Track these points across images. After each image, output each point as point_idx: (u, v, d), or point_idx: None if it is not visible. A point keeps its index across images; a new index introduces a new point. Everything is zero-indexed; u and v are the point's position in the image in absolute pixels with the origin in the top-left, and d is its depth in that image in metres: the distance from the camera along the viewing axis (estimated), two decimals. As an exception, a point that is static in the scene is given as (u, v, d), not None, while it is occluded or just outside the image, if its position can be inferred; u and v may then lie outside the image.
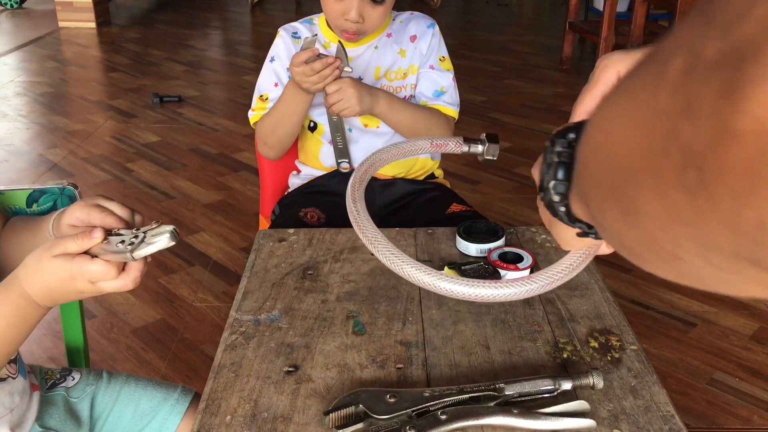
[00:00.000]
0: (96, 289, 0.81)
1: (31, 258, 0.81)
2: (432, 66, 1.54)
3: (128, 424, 1.08)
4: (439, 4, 7.39)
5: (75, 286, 0.80)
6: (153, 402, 1.10)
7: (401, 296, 0.98)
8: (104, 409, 1.09)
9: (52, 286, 0.80)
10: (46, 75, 4.81)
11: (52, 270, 0.79)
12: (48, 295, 0.82)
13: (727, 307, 2.26)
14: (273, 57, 1.55)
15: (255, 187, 3.03)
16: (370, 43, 1.53)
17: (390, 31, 1.55)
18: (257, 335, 0.89)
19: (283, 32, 1.56)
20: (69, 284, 0.80)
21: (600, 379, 0.77)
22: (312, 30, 1.55)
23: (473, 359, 0.85)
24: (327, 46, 1.54)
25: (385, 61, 1.54)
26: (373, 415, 0.73)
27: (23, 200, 1.16)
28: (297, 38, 1.54)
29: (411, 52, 1.54)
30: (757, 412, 1.82)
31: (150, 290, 2.32)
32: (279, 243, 1.12)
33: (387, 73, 1.54)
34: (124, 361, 1.97)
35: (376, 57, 1.53)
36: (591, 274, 1.03)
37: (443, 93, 1.55)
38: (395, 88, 1.54)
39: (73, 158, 3.39)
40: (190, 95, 4.38)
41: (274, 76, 1.53)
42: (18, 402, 0.94)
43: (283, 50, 1.54)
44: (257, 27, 6.75)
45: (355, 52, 1.52)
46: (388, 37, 1.54)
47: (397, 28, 1.55)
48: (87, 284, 0.80)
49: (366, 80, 1.51)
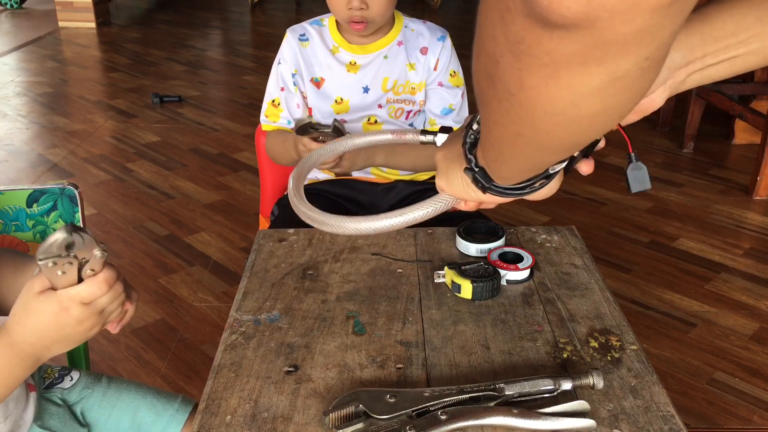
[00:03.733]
0: (94, 310, 0.76)
1: (17, 305, 0.76)
2: (441, 83, 1.52)
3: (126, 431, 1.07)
4: (439, 4, 7.39)
5: (69, 317, 0.75)
6: (152, 412, 1.07)
7: (401, 296, 0.98)
8: (101, 414, 1.07)
9: (45, 325, 0.75)
10: (46, 75, 4.81)
11: (40, 307, 0.74)
12: (41, 339, 0.76)
13: (727, 307, 2.26)
14: (280, 60, 1.54)
15: (255, 187, 3.03)
16: (380, 51, 1.51)
17: (401, 39, 1.52)
18: (257, 335, 0.89)
19: (290, 34, 1.54)
20: (63, 318, 0.74)
21: (600, 379, 0.77)
22: (321, 30, 1.53)
23: (473, 359, 0.85)
24: (335, 51, 1.52)
25: (393, 73, 1.51)
26: (373, 415, 0.73)
27: (23, 200, 1.16)
28: (304, 41, 1.53)
29: (421, 66, 1.51)
30: (757, 412, 1.82)
31: (150, 290, 2.32)
32: (279, 243, 1.12)
33: (395, 85, 1.52)
34: (124, 361, 1.97)
35: (385, 67, 1.51)
36: (591, 274, 1.03)
37: (452, 111, 1.53)
38: (401, 101, 1.52)
39: (73, 158, 3.39)
40: (190, 95, 4.38)
41: (281, 80, 1.53)
42: (12, 409, 0.93)
43: (288, 53, 1.52)
44: (257, 27, 6.75)
45: (364, 59, 1.50)
46: (399, 45, 1.52)
47: (409, 37, 1.52)
48: (82, 309, 0.75)
49: (373, 91, 1.51)
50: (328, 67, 1.52)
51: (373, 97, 1.52)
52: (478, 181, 0.65)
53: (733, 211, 2.94)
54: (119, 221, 2.78)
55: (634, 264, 2.51)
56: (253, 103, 4.22)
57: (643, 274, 2.45)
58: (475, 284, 0.95)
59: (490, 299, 0.97)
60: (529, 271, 1.02)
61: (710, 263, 2.53)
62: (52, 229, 1.18)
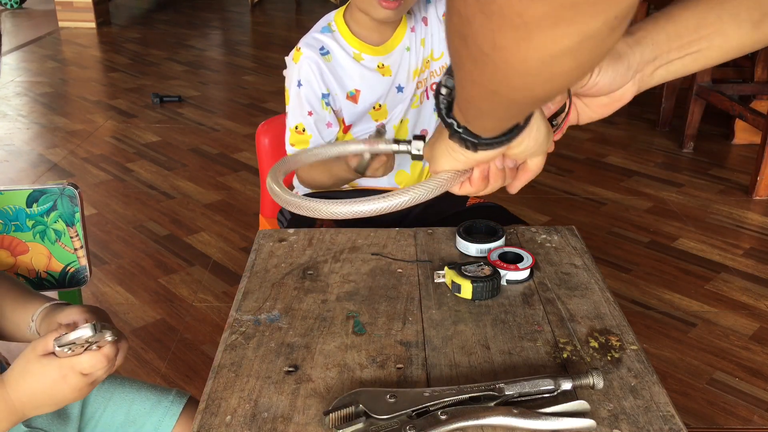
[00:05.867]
0: (90, 380, 0.80)
1: (17, 362, 0.80)
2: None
3: (120, 425, 1.07)
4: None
5: (66, 385, 0.78)
6: (146, 405, 1.08)
7: (401, 296, 0.98)
8: (96, 409, 1.08)
9: (41, 389, 0.78)
10: (46, 75, 4.81)
11: (41, 371, 0.78)
12: (32, 399, 0.79)
13: (727, 307, 2.26)
14: (300, 81, 1.39)
15: (255, 187, 3.03)
16: (401, 44, 1.43)
17: (413, 25, 1.45)
18: (257, 335, 0.89)
19: (307, 50, 1.39)
20: (59, 385, 0.78)
21: (600, 379, 0.77)
22: (335, 38, 1.42)
23: (473, 359, 0.85)
24: (359, 59, 1.41)
25: (416, 61, 1.45)
26: (373, 415, 0.73)
27: (23, 200, 1.16)
28: (326, 54, 1.40)
29: (428, 38, 1.45)
30: (757, 412, 1.82)
31: (150, 290, 2.32)
32: (279, 243, 1.12)
33: (417, 71, 1.45)
34: (124, 361, 1.97)
35: (410, 59, 1.45)
36: (591, 274, 1.03)
37: None
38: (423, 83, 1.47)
39: (73, 158, 3.39)
40: (190, 95, 4.38)
41: (306, 104, 1.39)
42: None
43: (311, 74, 1.38)
44: (257, 27, 6.75)
45: (390, 59, 1.43)
46: (413, 31, 1.44)
47: (415, 17, 1.45)
48: (80, 379, 0.78)
49: (405, 86, 1.45)
50: (361, 78, 1.42)
51: (407, 93, 1.46)
52: (465, 140, 0.65)
53: (733, 211, 2.94)
54: (119, 221, 2.78)
55: (634, 264, 2.51)
56: (253, 103, 4.22)
57: (643, 274, 2.45)
58: (475, 284, 0.95)
59: (490, 299, 0.97)
60: (529, 271, 1.02)
61: (710, 263, 2.53)
62: (52, 229, 1.18)
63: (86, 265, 1.22)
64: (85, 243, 1.20)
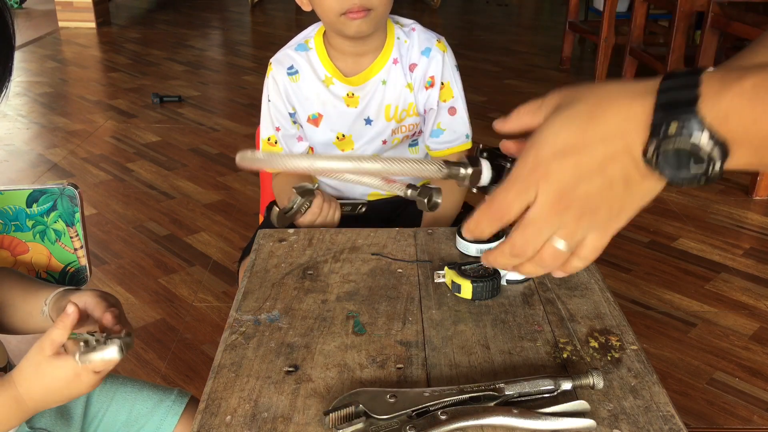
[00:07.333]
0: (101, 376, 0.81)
1: (26, 363, 0.81)
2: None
3: (123, 425, 1.08)
4: (438, 4, 7.39)
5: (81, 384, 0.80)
6: (148, 404, 1.09)
7: (401, 296, 0.98)
8: (99, 409, 1.08)
9: (54, 387, 0.80)
10: (46, 75, 4.81)
11: (55, 372, 0.79)
12: (44, 398, 0.81)
13: (727, 307, 2.26)
14: (269, 97, 1.39)
15: (255, 187, 3.03)
16: (377, 76, 1.35)
17: (396, 56, 1.35)
18: (257, 335, 0.89)
19: (277, 67, 1.38)
20: (74, 383, 0.80)
21: (600, 379, 0.77)
22: (309, 57, 1.37)
23: (473, 359, 0.85)
24: (328, 83, 1.36)
25: (394, 98, 1.36)
26: (373, 415, 0.73)
27: (23, 200, 1.16)
28: (293, 74, 1.36)
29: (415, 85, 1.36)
30: (757, 412, 1.82)
31: (150, 290, 2.32)
32: (279, 243, 1.12)
33: (396, 112, 1.38)
34: (124, 361, 1.97)
35: (386, 94, 1.36)
36: (591, 274, 1.03)
37: (441, 131, 1.39)
38: (405, 128, 1.40)
39: (73, 158, 3.39)
40: (190, 95, 4.38)
41: (275, 119, 1.40)
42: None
43: (276, 93, 1.38)
44: (257, 27, 6.75)
45: (362, 90, 1.36)
46: (395, 64, 1.35)
47: (403, 52, 1.36)
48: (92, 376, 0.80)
49: (377, 123, 1.38)
50: (323, 104, 1.37)
51: (378, 128, 1.39)
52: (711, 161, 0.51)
53: (733, 211, 2.94)
54: (119, 221, 2.78)
55: (634, 264, 2.51)
56: (253, 103, 4.22)
57: (643, 274, 2.45)
58: (475, 284, 0.95)
59: (490, 299, 0.97)
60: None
61: (710, 263, 2.53)
62: (52, 229, 1.18)
63: (86, 265, 1.22)
64: (85, 243, 1.20)
